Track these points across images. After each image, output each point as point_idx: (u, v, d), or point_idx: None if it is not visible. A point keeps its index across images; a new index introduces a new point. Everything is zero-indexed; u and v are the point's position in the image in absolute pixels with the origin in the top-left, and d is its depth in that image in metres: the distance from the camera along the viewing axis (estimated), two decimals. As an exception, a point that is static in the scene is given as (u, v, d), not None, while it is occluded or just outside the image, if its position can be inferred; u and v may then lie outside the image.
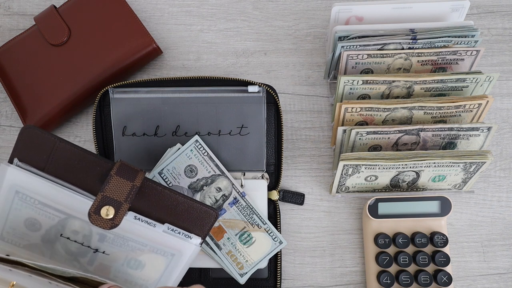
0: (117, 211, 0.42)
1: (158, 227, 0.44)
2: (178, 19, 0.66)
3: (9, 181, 0.43)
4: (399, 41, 0.53)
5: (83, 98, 0.60)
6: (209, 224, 0.46)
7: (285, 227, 0.60)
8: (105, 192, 0.43)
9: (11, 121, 0.63)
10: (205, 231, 0.46)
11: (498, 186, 0.61)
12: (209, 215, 0.46)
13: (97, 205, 0.42)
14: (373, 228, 0.56)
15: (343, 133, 0.53)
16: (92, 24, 0.60)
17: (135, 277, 0.46)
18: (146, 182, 0.45)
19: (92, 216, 0.42)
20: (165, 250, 0.45)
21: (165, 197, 0.45)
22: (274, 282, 0.56)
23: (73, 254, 0.45)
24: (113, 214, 0.42)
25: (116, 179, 0.43)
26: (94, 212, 0.42)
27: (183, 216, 0.45)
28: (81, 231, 0.45)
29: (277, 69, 0.64)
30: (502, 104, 0.63)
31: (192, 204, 0.46)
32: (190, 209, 0.46)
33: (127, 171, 0.43)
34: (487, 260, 0.58)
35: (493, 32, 0.65)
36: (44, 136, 0.44)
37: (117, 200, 0.43)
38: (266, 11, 0.66)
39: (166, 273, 0.46)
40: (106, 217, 0.42)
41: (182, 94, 0.56)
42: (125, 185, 0.43)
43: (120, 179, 0.43)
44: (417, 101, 0.52)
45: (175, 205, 0.45)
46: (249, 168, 0.57)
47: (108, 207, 0.42)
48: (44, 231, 0.45)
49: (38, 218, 0.44)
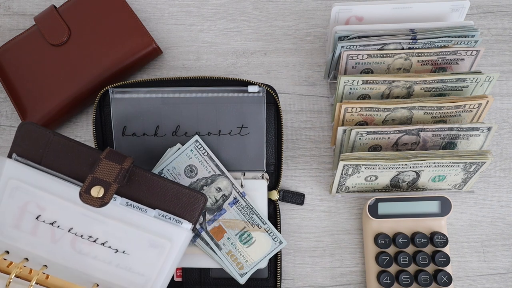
0: (107, 190, 0.45)
1: (149, 212, 0.46)
2: (178, 19, 0.66)
3: (7, 173, 0.45)
4: (399, 41, 0.53)
5: (83, 98, 0.60)
6: (198, 209, 0.47)
7: (285, 227, 0.60)
8: (95, 173, 0.45)
9: (11, 121, 0.63)
10: (195, 216, 0.47)
11: (498, 186, 0.61)
12: (198, 199, 0.47)
13: (87, 185, 0.44)
14: (373, 228, 0.56)
15: (343, 133, 0.53)
16: (92, 24, 0.60)
17: (126, 263, 0.47)
18: (136, 170, 0.47)
19: (83, 196, 0.44)
20: (154, 238, 0.46)
21: (155, 183, 0.47)
22: (274, 282, 0.56)
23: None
24: (103, 193, 0.44)
25: (105, 162, 0.45)
26: (85, 191, 0.44)
27: (172, 202, 0.47)
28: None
29: (277, 69, 0.64)
30: (502, 104, 0.63)
31: (181, 190, 0.47)
32: (180, 195, 0.47)
33: (115, 156, 0.46)
34: (487, 260, 0.58)
35: (493, 32, 0.65)
36: (40, 130, 0.46)
37: (107, 181, 0.45)
38: (266, 11, 0.66)
39: (158, 262, 0.46)
40: (97, 195, 0.44)
41: (182, 94, 0.56)
42: (113, 167, 0.45)
43: (109, 162, 0.45)
44: (417, 101, 0.52)
45: (164, 191, 0.47)
46: (249, 168, 0.57)
47: (99, 187, 0.44)
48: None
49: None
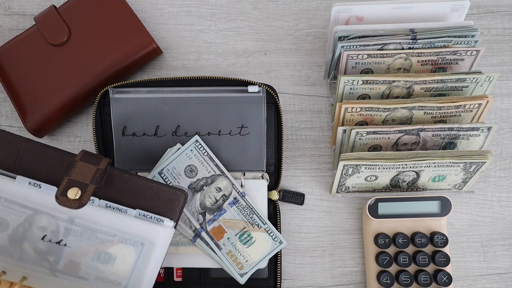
0: (84, 191, 0.44)
1: (129, 212, 0.45)
2: (178, 19, 0.66)
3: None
4: (399, 41, 0.53)
5: (83, 98, 0.60)
6: (179, 206, 0.47)
7: (285, 227, 0.60)
8: (71, 175, 0.44)
9: (11, 121, 0.63)
10: (176, 213, 0.47)
11: (498, 186, 0.61)
12: (178, 196, 0.47)
13: (63, 188, 0.44)
14: (373, 228, 0.56)
15: (343, 133, 0.53)
16: (92, 24, 0.60)
17: (106, 273, 0.46)
18: (113, 171, 0.46)
19: (60, 199, 0.44)
20: (134, 240, 0.46)
21: (133, 183, 0.47)
22: (274, 282, 0.56)
23: (42, 252, 0.46)
24: (80, 195, 0.44)
25: (80, 164, 0.45)
26: (61, 194, 0.44)
27: (153, 201, 0.47)
28: (48, 226, 0.45)
29: (277, 69, 0.64)
30: (502, 104, 0.63)
31: (161, 188, 0.47)
32: (159, 193, 0.47)
33: (91, 157, 0.45)
34: (487, 260, 0.58)
35: (493, 32, 0.65)
36: (11, 138, 0.46)
37: (83, 182, 0.44)
38: (266, 11, 0.66)
39: (139, 265, 0.46)
40: (74, 197, 0.44)
41: (182, 94, 0.56)
42: (90, 168, 0.45)
43: (85, 164, 0.45)
44: (417, 101, 0.52)
45: (143, 191, 0.47)
46: (249, 168, 0.57)
47: (75, 188, 0.44)
48: (11, 231, 0.45)
49: (5, 216, 0.45)
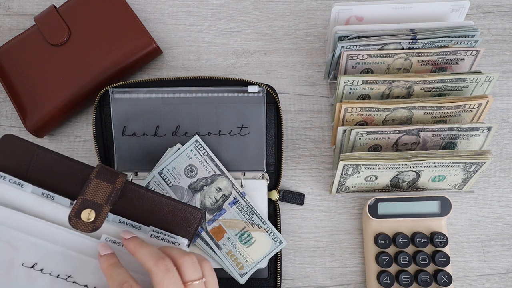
0: (98, 213, 0.42)
1: (143, 229, 0.43)
2: (178, 19, 0.66)
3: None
4: (399, 41, 0.53)
5: (83, 98, 0.60)
6: (195, 225, 0.45)
7: (285, 227, 0.60)
8: (85, 195, 0.42)
9: (11, 121, 0.63)
10: (191, 232, 0.45)
11: (498, 186, 0.61)
12: (194, 215, 0.45)
13: (77, 208, 0.41)
14: (373, 228, 0.56)
15: (343, 133, 0.53)
16: (92, 24, 0.60)
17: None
18: (129, 186, 0.44)
19: (73, 220, 0.41)
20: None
21: (149, 199, 0.45)
22: (274, 282, 0.56)
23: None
24: (94, 217, 0.41)
25: (96, 182, 0.42)
26: (74, 215, 0.41)
27: (167, 218, 0.45)
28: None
29: (277, 69, 0.64)
30: (502, 104, 0.63)
31: (177, 205, 0.45)
32: (175, 211, 0.45)
33: (107, 174, 0.43)
34: (487, 260, 0.58)
35: (493, 32, 0.65)
36: (23, 144, 0.44)
37: (98, 203, 0.42)
38: (266, 11, 0.66)
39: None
40: (87, 220, 0.41)
41: (182, 94, 0.56)
42: (105, 187, 0.42)
43: (100, 182, 0.42)
44: (417, 101, 0.52)
45: (159, 208, 0.45)
46: (249, 168, 0.57)
47: (89, 210, 0.42)
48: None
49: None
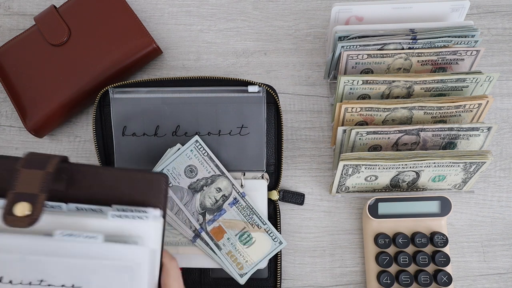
0: (34, 204, 0.38)
1: (104, 210, 0.39)
2: (178, 19, 0.66)
3: None
4: (399, 41, 0.53)
5: (83, 98, 0.60)
6: (162, 191, 0.40)
7: (285, 227, 0.60)
8: (16, 188, 0.38)
9: (11, 121, 0.63)
10: (161, 199, 0.40)
11: (498, 186, 0.61)
12: (158, 180, 0.40)
13: (9, 204, 0.38)
14: (373, 228, 0.56)
15: (343, 133, 0.53)
16: (92, 24, 0.60)
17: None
18: (74, 167, 0.40)
19: (7, 218, 0.37)
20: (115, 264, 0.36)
21: (102, 176, 0.40)
22: (274, 282, 0.56)
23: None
24: (30, 209, 0.38)
25: (24, 172, 0.38)
26: (8, 213, 0.37)
27: (131, 192, 0.40)
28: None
29: (277, 69, 0.64)
30: (502, 104, 0.63)
31: (134, 175, 0.40)
32: (135, 182, 0.40)
33: (35, 161, 0.39)
34: (487, 260, 0.58)
35: (493, 32, 0.65)
36: None
37: (31, 194, 0.38)
38: (266, 11, 0.66)
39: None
40: (23, 215, 0.37)
41: (182, 94, 0.56)
42: (36, 175, 0.38)
43: (29, 171, 0.38)
44: (417, 101, 0.52)
45: (116, 182, 0.40)
46: (249, 168, 0.57)
47: (23, 203, 0.38)
48: None
49: None
